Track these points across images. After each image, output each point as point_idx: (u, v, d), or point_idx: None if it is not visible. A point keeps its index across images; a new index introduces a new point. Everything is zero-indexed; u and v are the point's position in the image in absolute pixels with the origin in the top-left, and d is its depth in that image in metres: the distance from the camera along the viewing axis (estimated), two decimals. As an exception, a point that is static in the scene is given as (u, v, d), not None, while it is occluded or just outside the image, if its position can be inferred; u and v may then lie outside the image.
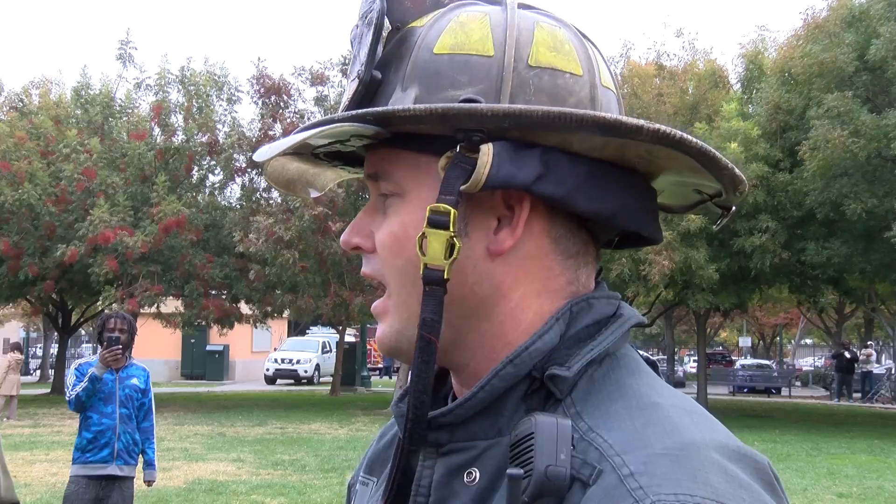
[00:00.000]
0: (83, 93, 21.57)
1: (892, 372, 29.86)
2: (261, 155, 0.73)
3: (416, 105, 0.68)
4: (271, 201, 19.89)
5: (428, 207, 0.69)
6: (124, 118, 21.03)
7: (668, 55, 20.41)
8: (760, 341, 49.31)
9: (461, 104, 0.68)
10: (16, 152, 18.83)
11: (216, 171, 20.98)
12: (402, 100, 0.72)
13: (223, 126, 20.85)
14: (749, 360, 37.62)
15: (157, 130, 20.39)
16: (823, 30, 16.41)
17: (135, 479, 5.48)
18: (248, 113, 76.58)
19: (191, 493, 9.20)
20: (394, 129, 0.71)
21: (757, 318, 39.67)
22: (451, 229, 0.68)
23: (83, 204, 18.29)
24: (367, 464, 0.89)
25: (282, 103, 20.35)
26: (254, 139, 19.80)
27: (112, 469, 5.25)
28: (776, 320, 40.35)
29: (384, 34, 0.75)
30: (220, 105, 21.23)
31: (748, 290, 18.87)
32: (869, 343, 31.42)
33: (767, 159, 16.59)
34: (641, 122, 0.67)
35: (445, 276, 0.69)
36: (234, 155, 20.04)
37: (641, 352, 0.80)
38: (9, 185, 18.07)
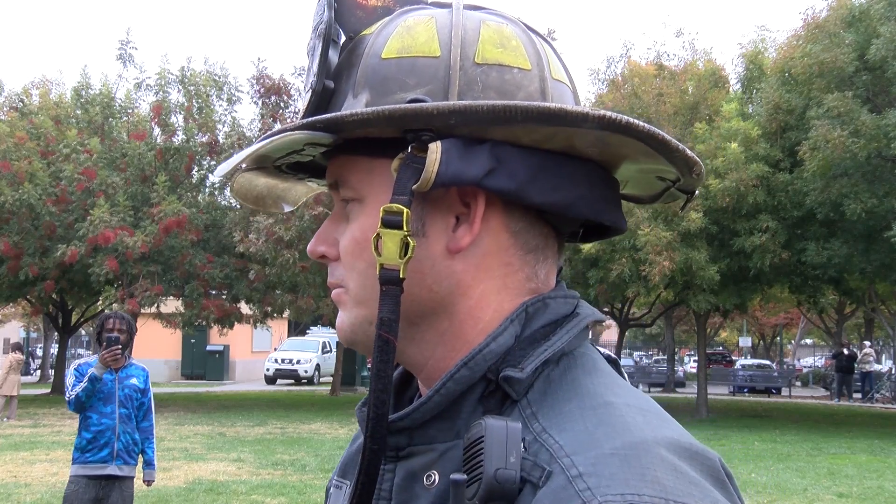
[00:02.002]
0: (83, 93, 21.56)
1: (893, 372, 29.85)
2: (219, 171, 0.75)
3: (364, 109, 0.69)
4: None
5: (381, 208, 0.70)
6: (124, 118, 21.02)
7: (668, 55, 20.42)
8: (760, 341, 49.30)
9: (407, 105, 0.69)
10: (16, 152, 18.82)
11: (214, 177, 20.94)
12: (354, 106, 0.73)
13: (223, 126, 20.85)
14: (749, 360, 37.62)
15: (157, 130, 20.38)
16: (823, 30, 16.40)
17: (135, 479, 5.48)
18: (248, 113, 76.62)
19: (191, 493, 9.20)
20: (346, 136, 0.72)
21: (757, 318, 39.66)
22: (405, 228, 0.69)
23: (83, 204, 18.28)
24: (340, 467, 0.89)
25: (282, 103, 20.35)
26: (254, 139, 19.74)
27: (112, 469, 5.25)
28: (776, 320, 40.36)
29: (339, 45, 0.77)
30: (220, 105, 21.23)
31: (749, 291, 18.86)
32: (866, 343, 31.37)
33: (767, 159, 16.58)
34: (587, 109, 0.68)
35: (401, 276, 0.69)
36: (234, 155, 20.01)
37: (603, 350, 0.80)
38: (9, 185, 18.06)
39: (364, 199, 0.75)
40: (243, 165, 0.80)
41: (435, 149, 0.68)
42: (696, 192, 0.83)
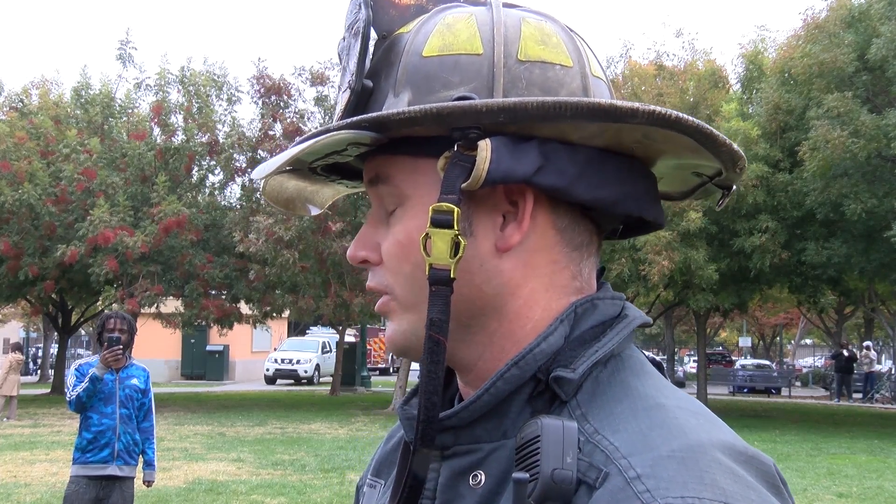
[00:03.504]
0: (83, 93, 21.55)
1: (893, 372, 29.85)
2: (259, 172, 0.74)
3: (411, 107, 0.69)
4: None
5: (431, 207, 0.69)
6: (124, 118, 21.01)
7: (668, 55, 20.41)
8: (760, 341, 49.30)
9: (455, 102, 0.68)
10: (16, 152, 18.82)
11: (216, 171, 20.97)
12: (396, 105, 0.72)
13: (223, 126, 20.83)
14: (749, 360, 37.61)
15: (157, 130, 20.37)
16: (823, 30, 16.40)
17: (135, 480, 5.47)
18: (248, 113, 76.60)
19: (191, 493, 9.20)
20: (390, 134, 0.71)
21: (757, 318, 39.66)
22: (455, 228, 0.68)
23: (83, 204, 18.28)
24: (374, 466, 0.89)
25: (282, 103, 20.33)
26: (254, 139, 19.80)
27: (112, 469, 5.25)
28: (776, 320, 40.36)
29: (371, 44, 0.76)
30: (220, 105, 21.22)
31: (748, 291, 18.87)
32: (868, 343, 31.37)
33: (767, 159, 16.59)
34: (636, 104, 0.68)
35: (451, 276, 0.69)
36: (234, 155, 20.04)
37: (647, 353, 0.80)
38: (9, 185, 18.06)
39: (407, 200, 0.74)
40: (286, 168, 0.79)
41: (485, 146, 0.68)
42: (735, 186, 0.82)
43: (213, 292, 19.89)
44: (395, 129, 0.70)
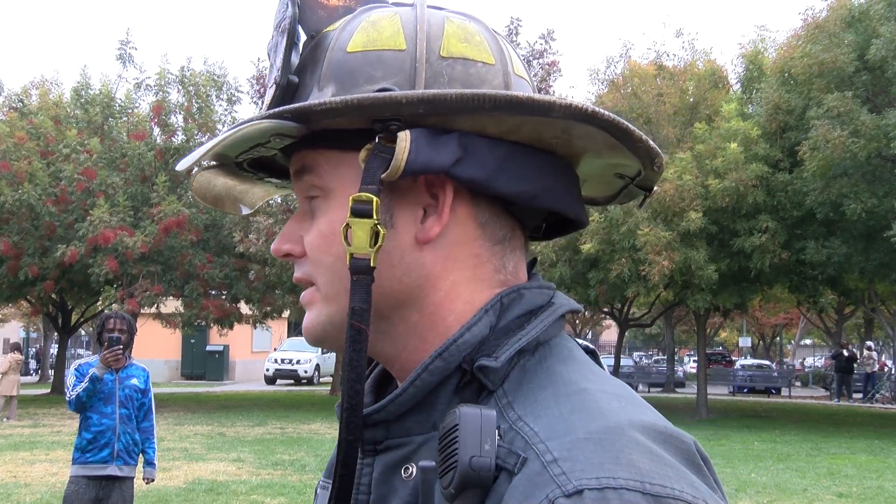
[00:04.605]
0: (83, 93, 21.55)
1: (893, 372, 29.85)
2: (182, 164, 0.75)
3: (333, 98, 0.70)
4: (271, 201, 19.90)
5: (351, 197, 0.70)
6: (124, 118, 21.01)
7: (668, 55, 20.42)
8: (760, 341, 49.29)
9: (376, 94, 0.69)
10: (16, 152, 18.81)
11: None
12: (320, 98, 0.73)
13: (223, 126, 20.83)
14: (749, 361, 37.62)
15: (157, 130, 20.38)
16: (823, 30, 16.40)
17: (135, 480, 5.47)
18: (248, 113, 76.47)
19: (191, 493, 9.20)
20: (313, 126, 0.72)
21: (757, 319, 39.64)
22: (375, 217, 0.69)
23: (83, 204, 18.28)
24: (327, 467, 0.89)
25: (282, 103, 20.33)
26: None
27: (112, 469, 5.25)
28: (776, 320, 40.34)
29: (300, 43, 0.77)
30: (220, 105, 21.24)
31: (748, 291, 18.87)
32: (869, 344, 31.37)
33: (767, 159, 16.58)
34: (553, 98, 0.69)
35: (372, 264, 0.70)
36: (234, 155, 20.02)
37: (580, 340, 0.80)
38: (9, 185, 18.06)
39: (331, 191, 0.75)
40: (203, 163, 0.80)
41: (404, 137, 0.69)
42: (655, 188, 0.83)
43: (213, 292, 19.89)
44: (318, 121, 0.71)
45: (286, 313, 21.53)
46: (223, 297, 20.03)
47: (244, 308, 20.70)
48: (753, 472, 11.28)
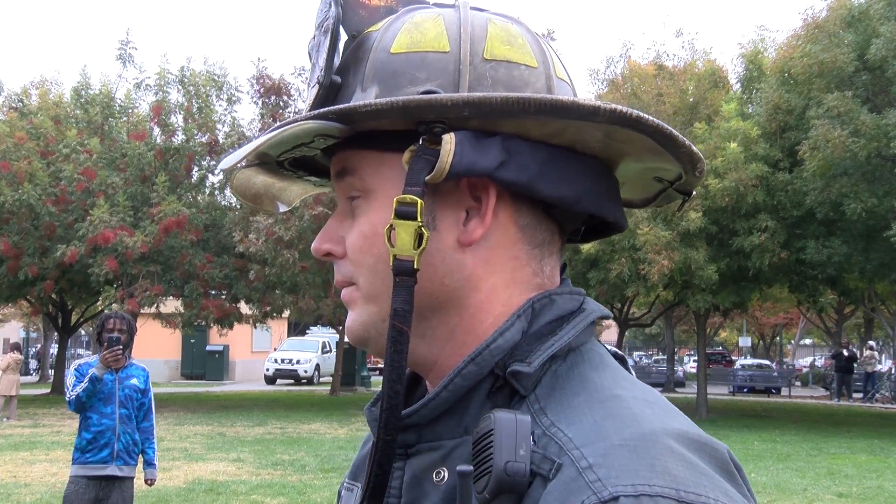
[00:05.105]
0: (83, 93, 21.55)
1: (893, 372, 29.85)
2: (224, 163, 0.75)
3: (378, 99, 0.70)
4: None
5: (395, 199, 0.70)
6: (124, 118, 21.01)
7: (668, 55, 20.43)
8: (760, 341, 49.31)
9: (421, 96, 0.69)
10: (16, 152, 18.81)
11: (216, 171, 20.97)
12: (363, 99, 0.73)
13: (223, 126, 20.85)
14: (749, 360, 37.60)
15: (157, 130, 20.37)
16: (823, 30, 16.41)
17: (135, 480, 5.47)
18: (248, 113, 76.56)
19: (191, 493, 9.20)
20: (357, 127, 0.72)
21: (757, 318, 39.66)
22: (419, 219, 0.69)
23: (83, 204, 18.27)
24: (352, 470, 0.90)
25: (282, 103, 20.35)
26: (254, 139, 19.74)
27: (112, 469, 5.25)
28: (776, 320, 40.36)
29: (341, 43, 0.77)
30: (220, 105, 21.23)
31: (748, 290, 18.87)
32: (870, 343, 31.37)
33: (767, 159, 16.59)
34: (598, 102, 0.69)
35: (415, 266, 0.70)
36: (235, 155, 20.01)
37: (609, 346, 0.80)
38: (9, 185, 18.06)
39: (372, 193, 0.75)
40: (243, 163, 0.80)
41: (449, 140, 0.69)
42: (694, 192, 0.83)
43: (213, 292, 19.89)
44: (362, 122, 0.71)
45: (286, 313, 21.52)
46: (223, 297, 20.02)
47: (244, 308, 20.70)
48: (753, 472, 11.27)
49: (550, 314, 0.74)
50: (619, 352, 0.80)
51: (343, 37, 0.77)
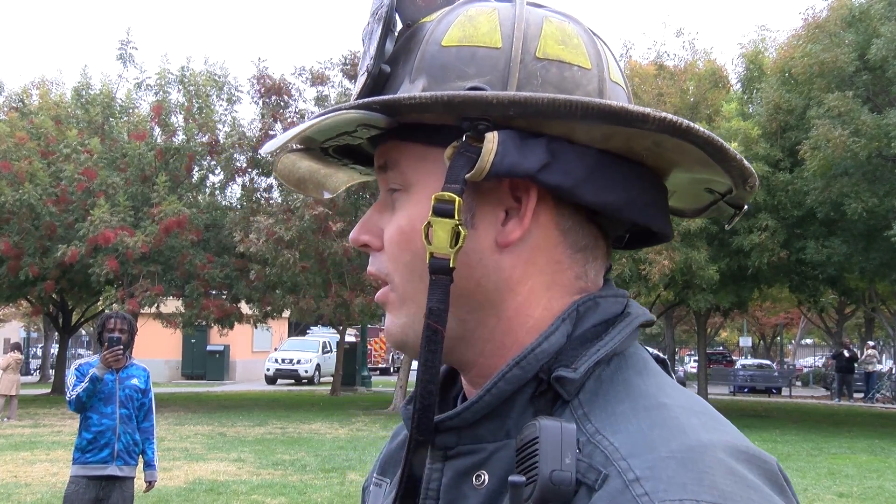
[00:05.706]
0: (83, 93, 21.57)
1: (893, 372, 29.85)
2: (268, 147, 0.73)
3: (422, 93, 0.69)
4: (272, 201, 19.90)
5: (433, 196, 0.69)
6: (124, 118, 21.03)
7: (668, 55, 20.43)
8: (761, 341, 49.30)
9: (466, 92, 0.68)
10: (16, 152, 18.82)
11: (216, 171, 20.99)
12: (410, 91, 0.72)
13: (223, 126, 20.85)
14: (749, 360, 37.59)
15: (157, 130, 20.38)
16: (823, 30, 16.41)
17: (135, 480, 5.46)
18: (248, 113, 76.62)
19: (191, 493, 9.20)
20: (401, 119, 0.71)
21: (757, 318, 39.66)
22: (457, 217, 0.68)
23: (83, 204, 18.29)
24: (380, 464, 0.89)
25: (282, 103, 20.34)
26: (254, 139, 19.81)
27: (112, 469, 5.24)
28: (776, 320, 40.36)
29: (396, 32, 0.76)
30: (220, 105, 21.23)
31: (748, 290, 18.87)
32: (870, 343, 31.36)
33: (767, 159, 16.59)
34: (648, 110, 0.67)
35: (451, 265, 0.68)
36: (235, 155, 20.05)
37: (652, 350, 0.79)
38: (9, 185, 18.07)
39: (413, 187, 0.74)
40: (293, 145, 0.79)
41: (492, 138, 0.67)
42: (746, 206, 0.81)
43: (214, 292, 19.89)
44: (406, 114, 0.70)
45: (286, 313, 21.51)
46: (223, 296, 20.02)
47: (244, 308, 20.70)
48: (754, 472, 11.26)
49: (595, 318, 0.72)
50: (662, 356, 0.79)
51: (399, 25, 0.76)
